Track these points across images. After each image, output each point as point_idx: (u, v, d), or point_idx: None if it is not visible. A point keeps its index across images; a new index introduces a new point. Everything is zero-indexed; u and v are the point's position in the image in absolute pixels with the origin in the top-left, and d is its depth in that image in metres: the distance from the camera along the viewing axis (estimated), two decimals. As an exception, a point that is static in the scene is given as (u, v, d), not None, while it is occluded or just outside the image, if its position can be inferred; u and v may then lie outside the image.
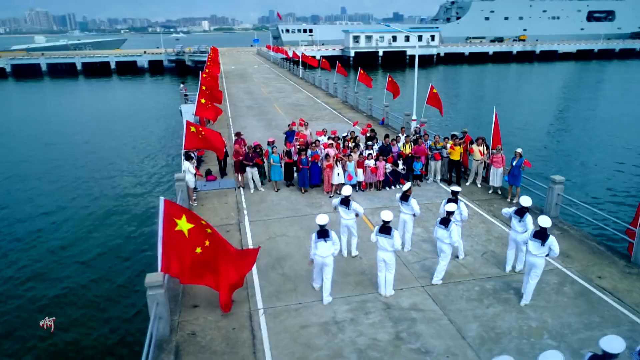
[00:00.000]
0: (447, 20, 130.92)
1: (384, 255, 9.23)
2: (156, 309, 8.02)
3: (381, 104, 26.42)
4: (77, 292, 14.21)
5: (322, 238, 8.95)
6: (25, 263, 15.94)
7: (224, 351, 8.01)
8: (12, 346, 11.79)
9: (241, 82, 46.62)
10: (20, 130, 37.56)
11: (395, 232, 9.13)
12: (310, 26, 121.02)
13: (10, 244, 17.37)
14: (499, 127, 16.02)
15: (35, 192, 22.77)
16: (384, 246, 9.17)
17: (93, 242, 17.44)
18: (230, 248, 9.05)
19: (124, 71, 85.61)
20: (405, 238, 11.25)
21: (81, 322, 12.74)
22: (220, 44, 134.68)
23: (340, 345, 8.07)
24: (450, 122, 35.40)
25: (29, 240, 17.63)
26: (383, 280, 9.46)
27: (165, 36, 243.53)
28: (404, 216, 11.01)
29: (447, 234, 9.46)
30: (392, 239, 9.04)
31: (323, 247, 8.95)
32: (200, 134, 13.92)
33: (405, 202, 10.83)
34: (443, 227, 9.54)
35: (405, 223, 11.07)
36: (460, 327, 8.50)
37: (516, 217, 9.79)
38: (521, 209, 9.76)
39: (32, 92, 65.44)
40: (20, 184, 24.03)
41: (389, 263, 9.27)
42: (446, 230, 9.47)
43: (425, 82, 74.24)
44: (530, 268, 8.94)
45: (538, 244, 8.68)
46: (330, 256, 8.98)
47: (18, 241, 17.56)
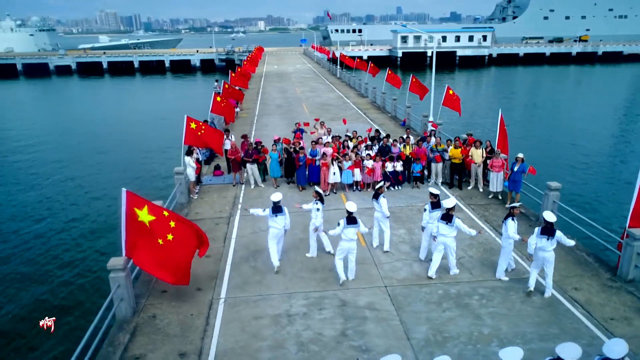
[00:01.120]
0: (503, 19, 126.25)
1: (350, 244, 9.71)
2: (117, 290, 8.64)
3: (410, 105, 26.15)
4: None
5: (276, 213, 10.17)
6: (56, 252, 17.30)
7: (175, 334, 8.48)
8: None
9: (278, 81, 47.52)
10: (66, 123, 40.41)
11: (359, 220, 9.85)
12: (360, 26, 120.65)
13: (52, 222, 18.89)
14: (505, 131, 15.54)
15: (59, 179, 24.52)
16: (350, 237, 9.65)
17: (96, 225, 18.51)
18: (193, 240, 9.36)
19: (178, 69, 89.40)
20: (383, 238, 11.26)
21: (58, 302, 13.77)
22: (273, 44, 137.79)
23: (284, 337, 8.31)
24: (482, 125, 34.39)
25: (66, 221, 19.09)
26: (343, 267, 9.96)
27: (224, 36, 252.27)
28: (376, 214, 11.08)
29: (452, 229, 9.69)
30: (359, 227, 9.75)
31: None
32: (200, 131, 14.57)
33: (376, 200, 10.86)
34: (445, 223, 9.70)
35: (378, 221, 11.07)
36: (408, 329, 8.49)
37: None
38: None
39: (92, 87, 69.99)
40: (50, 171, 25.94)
41: (353, 249, 9.84)
42: (449, 225, 9.68)
43: (475, 84, 72.47)
44: (543, 263, 9.17)
45: (545, 239, 8.93)
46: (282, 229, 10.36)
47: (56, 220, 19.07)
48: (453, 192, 15.33)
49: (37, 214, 20.26)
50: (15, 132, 37.84)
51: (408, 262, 10.88)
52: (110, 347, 8.13)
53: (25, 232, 18.38)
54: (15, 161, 28.91)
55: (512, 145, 16.29)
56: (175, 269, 9.03)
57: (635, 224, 9.94)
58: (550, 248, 8.99)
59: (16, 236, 18.10)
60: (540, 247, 9.01)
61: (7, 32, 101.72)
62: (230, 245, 11.86)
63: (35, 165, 27.53)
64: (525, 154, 13.96)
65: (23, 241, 17.64)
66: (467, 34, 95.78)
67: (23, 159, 29.12)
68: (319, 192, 10.98)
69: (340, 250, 9.81)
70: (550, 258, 9.07)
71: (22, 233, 18.34)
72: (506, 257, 9.95)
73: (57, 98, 59.96)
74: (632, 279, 9.92)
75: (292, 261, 10.98)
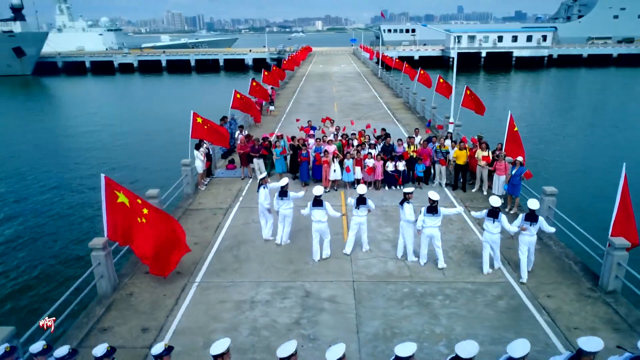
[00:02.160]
0: (567, 18, 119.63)
1: (319, 226, 10.56)
2: (97, 267, 9.46)
3: (436, 106, 25.81)
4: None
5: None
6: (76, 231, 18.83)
7: (145, 311, 9.15)
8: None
9: (318, 80, 48.10)
10: (122, 116, 43.17)
11: (326, 203, 10.61)
12: (413, 26, 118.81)
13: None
14: (514, 133, 15.10)
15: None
16: (319, 218, 10.51)
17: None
18: (167, 230, 9.99)
19: (232, 68, 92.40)
20: (362, 239, 11.29)
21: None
22: (329, 44, 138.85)
23: (241, 321, 8.75)
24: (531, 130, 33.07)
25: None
26: (319, 247, 10.86)
27: (284, 35, 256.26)
28: (358, 219, 10.91)
29: (438, 219, 10.11)
30: (325, 209, 10.56)
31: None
32: (205, 125, 15.34)
33: (363, 204, 10.82)
34: (431, 215, 10.09)
35: (360, 225, 11.00)
36: (361, 322, 8.66)
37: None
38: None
39: (151, 84, 74.01)
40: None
41: (324, 231, 10.69)
42: (436, 216, 10.09)
43: (532, 85, 69.26)
44: (528, 247, 9.88)
45: (528, 225, 9.73)
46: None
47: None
48: (456, 194, 15.13)
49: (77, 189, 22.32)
50: (76, 122, 41.20)
51: (384, 259, 10.97)
52: (85, 319, 8.94)
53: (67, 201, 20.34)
54: (69, 148, 31.43)
55: (560, 153, 15.67)
56: (154, 254, 9.70)
57: (618, 232, 9.48)
58: (533, 232, 9.80)
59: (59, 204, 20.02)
60: (528, 233, 9.76)
61: (80, 32, 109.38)
62: (220, 234, 12.47)
63: (84, 153, 29.78)
64: (576, 163, 13.48)
65: (66, 207, 19.57)
66: (525, 33, 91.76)
67: (77, 146, 31.59)
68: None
69: (314, 231, 10.73)
70: (534, 241, 9.91)
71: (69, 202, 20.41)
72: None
73: (117, 93, 64.07)
74: (612, 290, 9.47)
75: (272, 252, 11.40)
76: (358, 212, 10.78)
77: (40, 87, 74.01)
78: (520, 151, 14.34)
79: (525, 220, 9.74)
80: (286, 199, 11.24)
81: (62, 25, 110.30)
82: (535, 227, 9.73)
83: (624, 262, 9.24)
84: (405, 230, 10.69)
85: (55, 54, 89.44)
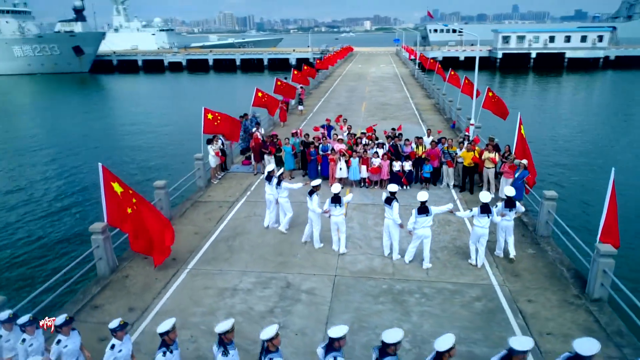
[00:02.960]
0: (629, 17, 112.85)
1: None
2: (96, 250, 10.24)
3: (461, 107, 25.38)
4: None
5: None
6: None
7: (136, 292, 9.82)
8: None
9: (354, 80, 48.22)
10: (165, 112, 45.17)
11: (315, 196, 11.06)
12: (461, 26, 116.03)
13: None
14: (522, 136, 14.72)
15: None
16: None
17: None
18: (153, 222, 10.63)
19: (276, 67, 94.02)
20: (341, 240, 11.33)
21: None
22: (376, 44, 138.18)
23: (219, 307, 9.22)
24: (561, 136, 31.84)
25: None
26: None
27: (332, 35, 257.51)
28: (335, 219, 11.06)
29: (430, 219, 10.24)
30: (311, 201, 11.05)
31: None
32: (216, 121, 16.01)
33: (339, 204, 10.95)
34: (423, 215, 10.18)
35: (337, 225, 11.12)
36: (332, 315, 8.90)
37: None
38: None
39: (198, 82, 76.73)
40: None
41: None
42: (427, 216, 10.19)
43: (587, 87, 65.91)
44: (505, 231, 10.77)
45: (508, 211, 10.60)
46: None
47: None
48: (463, 196, 14.97)
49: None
50: (123, 115, 43.60)
51: (372, 256, 11.13)
52: (81, 295, 9.73)
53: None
54: (113, 138, 33.38)
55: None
56: (146, 242, 10.37)
57: (606, 239, 9.18)
58: (511, 218, 10.69)
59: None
60: (507, 218, 10.61)
61: (134, 32, 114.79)
62: (221, 225, 13.03)
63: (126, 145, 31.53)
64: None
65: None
66: (579, 33, 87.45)
67: (119, 137, 33.49)
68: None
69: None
70: (511, 226, 10.73)
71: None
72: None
73: (165, 90, 66.90)
74: (598, 298, 9.20)
75: (264, 244, 11.82)
76: (334, 212, 10.91)
77: (95, 84, 78.44)
78: (526, 155, 13.97)
79: (505, 207, 10.56)
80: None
81: (118, 26, 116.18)
82: (513, 212, 10.64)
83: (609, 270, 8.95)
84: (392, 229, 10.78)
85: (110, 52, 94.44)
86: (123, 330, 6.27)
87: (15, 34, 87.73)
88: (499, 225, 10.71)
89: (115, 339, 6.26)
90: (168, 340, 6.00)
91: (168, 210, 13.39)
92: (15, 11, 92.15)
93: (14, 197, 22.32)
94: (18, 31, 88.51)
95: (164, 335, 5.95)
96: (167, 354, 5.96)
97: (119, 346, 6.26)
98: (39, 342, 6.44)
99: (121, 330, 6.23)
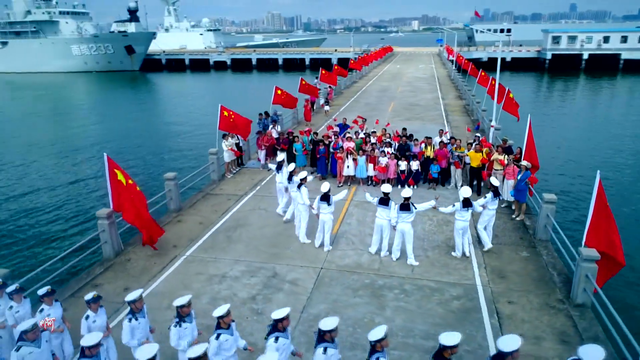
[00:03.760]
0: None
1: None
2: (102, 234, 11.06)
3: (486, 108, 24.94)
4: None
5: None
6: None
7: (134, 275, 10.55)
8: None
9: (388, 80, 48.03)
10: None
11: (304, 189, 11.45)
12: (509, 25, 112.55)
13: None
14: (532, 139, 14.41)
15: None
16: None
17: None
18: (145, 211, 11.37)
19: (317, 67, 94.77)
20: (324, 238, 11.45)
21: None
22: (423, 44, 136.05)
23: (206, 291, 9.77)
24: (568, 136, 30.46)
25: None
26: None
27: (379, 35, 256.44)
28: (323, 217, 11.23)
29: (411, 216, 10.46)
30: (301, 193, 11.47)
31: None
32: (230, 118, 16.68)
33: (327, 202, 11.09)
34: (405, 212, 10.39)
35: (324, 223, 11.29)
36: (309, 304, 9.24)
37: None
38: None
39: (241, 81, 78.79)
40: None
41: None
42: (409, 213, 10.41)
43: (635, 89, 62.30)
44: (488, 221, 11.34)
45: (494, 201, 11.24)
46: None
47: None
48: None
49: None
50: (166, 110, 45.72)
51: (361, 252, 11.34)
52: (85, 274, 10.58)
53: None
54: (155, 131, 35.14)
55: None
56: (145, 226, 11.10)
57: (591, 243, 8.99)
58: (493, 208, 11.20)
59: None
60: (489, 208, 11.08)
61: (183, 32, 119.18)
62: (225, 217, 13.64)
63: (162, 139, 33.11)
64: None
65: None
66: (637, 34, 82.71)
67: (160, 130, 35.21)
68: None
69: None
70: (492, 217, 11.33)
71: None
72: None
73: (209, 88, 69.20)
74: (581, 303, 9.02)
75: (262, 236, 12.29)
76: (322, 210, 11.13)
77: (144, 82, 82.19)
78: (532, 156, 13.70)
79: (493, 198, 11.13)
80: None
81: (169, 26, 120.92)
82: (496, 202, 11.25)
83: (592, 275, 8.76)
84: (385, 229, 10.85)
85: (159, 51, 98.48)
86: (97, 303, 6.89)
87: (74, 34, 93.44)
88: (483, 215, 11.09)
89: (90, 310, 6.89)
90: (182, 313, 6.64)
91: (178, 201, 14.15)
92: (75, 12, 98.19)
93: (58, 175, 24.13)
94: (76, 31, 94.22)
95: (178, 308, 6.52)
96: (182, 324, 6.62)
97: (93, 317, 6.88)
98: (25, 309, 7.18)
99: (95, 303, 6.86)
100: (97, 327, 6.89)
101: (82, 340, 5.81)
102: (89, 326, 6.82)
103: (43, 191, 22.94)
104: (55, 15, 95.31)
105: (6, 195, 22.47)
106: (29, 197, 22.22)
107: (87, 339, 5.76)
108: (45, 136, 35.87)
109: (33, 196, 22.26)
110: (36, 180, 24.65)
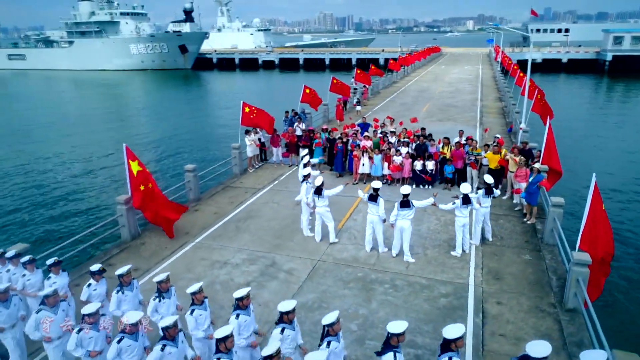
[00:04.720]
0: None
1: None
2: (119, 218, 11.98)
3: (519, 110, 24.24)
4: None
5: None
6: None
7: (145, 257, 11.37)
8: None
9: (429, 81, 47.40)
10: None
11: (304, 184, 11.88)
12: (567, 25, 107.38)
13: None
14: (553, 142, 14.02)
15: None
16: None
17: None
18: (161, 196, 12.14)
19: (364, 67, 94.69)
20: (329, 231, 11.76)
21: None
22: (477, 44, 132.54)
23: (206, 275, 10.39)
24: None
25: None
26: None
27: (432, 35, 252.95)
28: (319, 209, 11.52)
29: (411, 211, 10.62)
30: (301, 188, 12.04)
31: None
32: (252, 114, 17.32)
33: (320, 196, 11.43)
34: (405, 209, 10.56)
35: (321, 215, 11.60)
36: (299, 293, 9.61)
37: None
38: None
39: (288, 80, 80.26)
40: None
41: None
42: (408, 209, 10.58)
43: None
44: (484, 217, 11.59)
45: (487, 198, 11.45)
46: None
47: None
48: (484, 200, 14.66)
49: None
50: (211, 106, 47.60)
51: (361, 247, 11.57)
52: (102, 254, 11.53)
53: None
54: (200, 126, 36.79)
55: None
56: (155, 214, 11.89)
57: (585, 247, 8.78)
58: (487, 204, 11.47)
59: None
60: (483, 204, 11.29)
61: (235, 32, 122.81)
62: (239, 208, 14.28)
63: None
64: None
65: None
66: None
67: (205, 125, 36.79)
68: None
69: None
70: (488, 211, 11.59)
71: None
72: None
73: (258, 86, 71.04)
74: (572, 308, 8.85)
75: (269, 227, 12.80)
76: (317, 203, 11.43)
77: (196, 80, 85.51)
78: (552, 161, 13.34)
79: (485, 195, 11.33)
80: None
81: (221, 26, 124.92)
82: (489, 199, 11.42)
83: (583, 279, 8.58)
84: (376, 225, 11.08)
85: (211, 51, 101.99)
86: (100, 275, 7.66)
87: (133, 34, 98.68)
88: (478, 212, 11.24)
89: (93, 279, 7.66)
90: (196, 300, 6.93)
91: (197, 191, 14.95)
92: (134, 13, 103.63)
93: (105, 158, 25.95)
94: (135, 31, 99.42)
95: (193, 295, 6.93)
96: (195, 311, 6.87)
97: (94, 286, 7.66)
98: (37, 278, 8.06)
99: (99, 274, 7.63)
100: (97, 295, 7.64)
101: (82, 309, 6.49)
102: (90, 293, 7.58)
103: (80, 177, 25.12)
104: (117, 16, 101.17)
105: (55, 179, 24.60)
106: (70, 180, 24.45)
107: (87, 308, 6.45)
108: (100, 127, 38.60)
109: (72, 179, 24.60)
110: (75, 167, 26.96)
